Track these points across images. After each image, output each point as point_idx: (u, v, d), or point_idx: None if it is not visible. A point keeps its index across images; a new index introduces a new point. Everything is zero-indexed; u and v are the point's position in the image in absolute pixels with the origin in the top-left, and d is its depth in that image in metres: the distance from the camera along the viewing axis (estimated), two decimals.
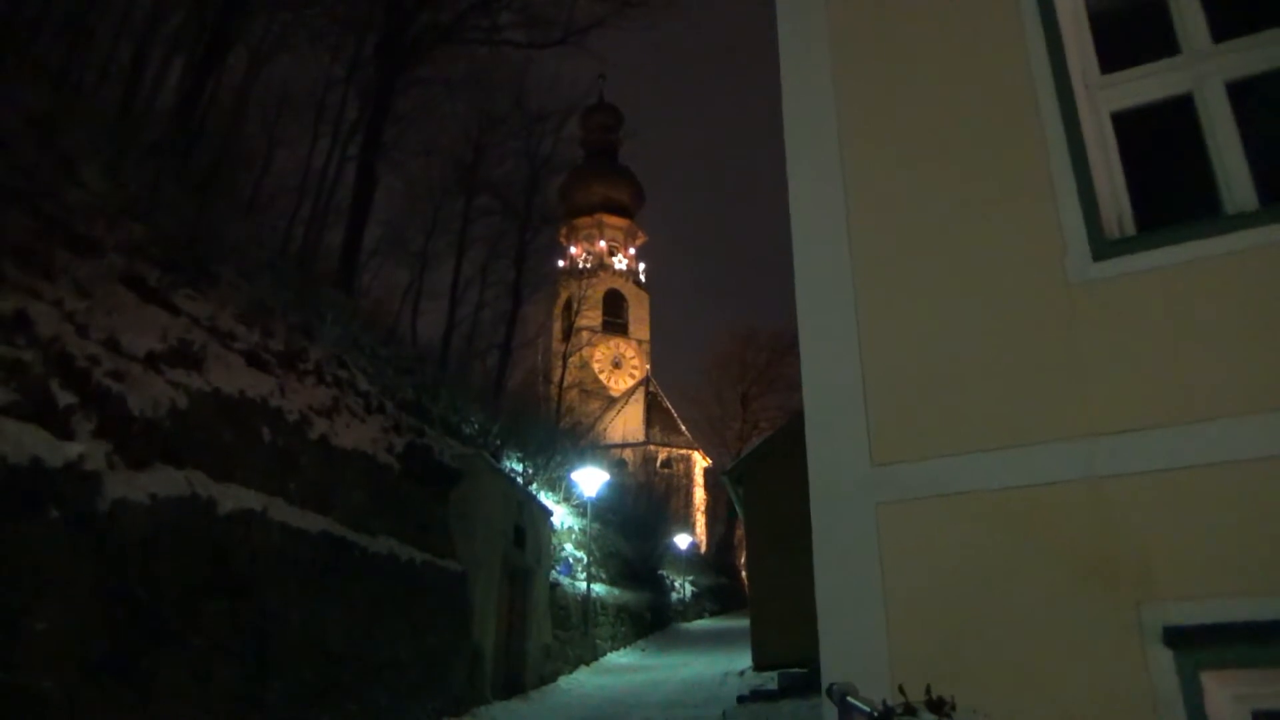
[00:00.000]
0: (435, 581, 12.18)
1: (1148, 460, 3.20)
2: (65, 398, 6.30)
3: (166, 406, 7.53)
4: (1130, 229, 3.57)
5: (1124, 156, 3.75)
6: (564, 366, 37.36)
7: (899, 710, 2.47)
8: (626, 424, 54.68)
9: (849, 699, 2.93)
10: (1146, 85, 3.74)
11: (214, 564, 7.20)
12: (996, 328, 3.67)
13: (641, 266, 64.84)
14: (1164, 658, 3.00)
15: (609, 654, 22.44)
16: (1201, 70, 3.59)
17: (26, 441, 5.50)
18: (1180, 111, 3.67)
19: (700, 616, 39.23)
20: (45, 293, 7.03)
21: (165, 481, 6.89)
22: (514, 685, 14.80)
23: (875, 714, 2.58)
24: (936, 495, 3.59)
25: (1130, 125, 3.81)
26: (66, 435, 6.04)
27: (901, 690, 2.61)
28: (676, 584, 38.22)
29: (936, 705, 2.41)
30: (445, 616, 12.36)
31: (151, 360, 7.80)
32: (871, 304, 3.97)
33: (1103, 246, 3.50)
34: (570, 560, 22.61)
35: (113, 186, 10.23)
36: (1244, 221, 3.28)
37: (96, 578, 5.85)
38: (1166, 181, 4.06)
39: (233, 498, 7.78)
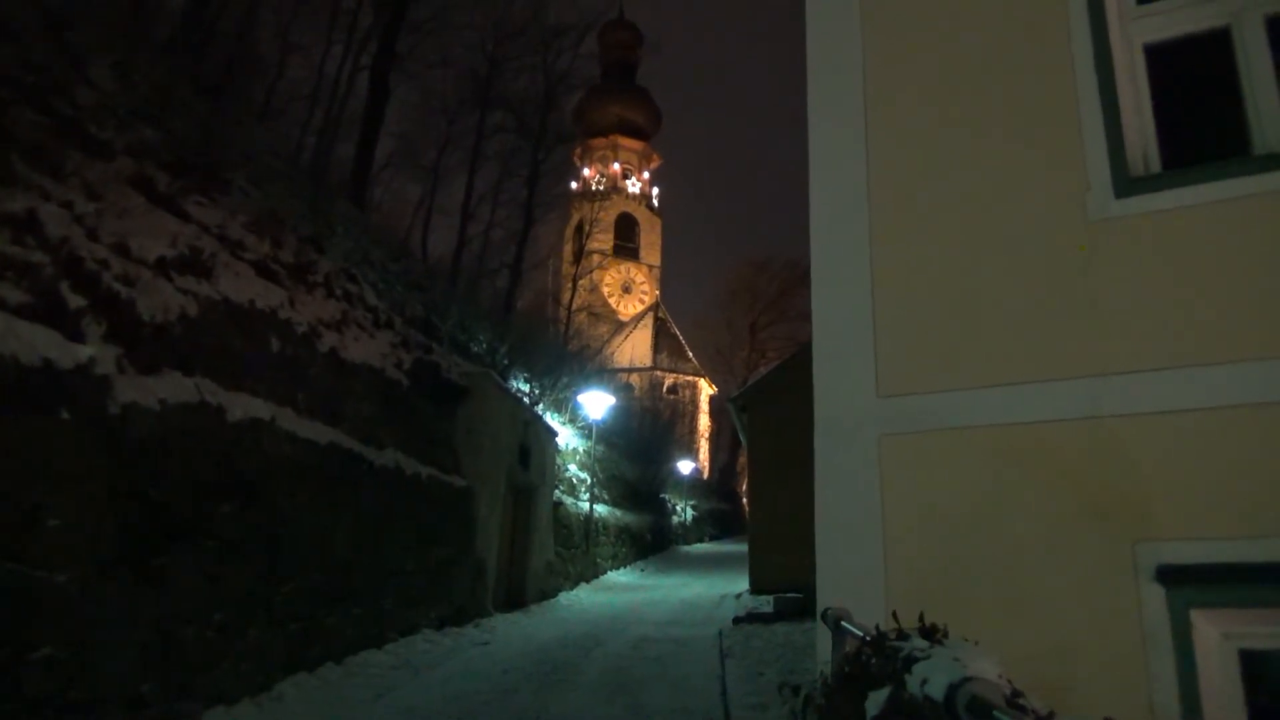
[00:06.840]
0: (441, 496, 12.36)
1: (1154, 401, 3.19)
2: (75, 300, 6.31)
3: (176, 313, 7.54)
4: (1156, 166, 3.50)
5: (1152, 93, 3.65)
6: (574, 289, 37.21)
7: (891, 635, 2.51)
8: (634, 349, 54.81)
9: (843, 623, 2.99)
10: (1183, 17, 3.62)
11: (224, 469, 7.30)
12: (1011, 263, 3.63)
13: (655, 191, 64.02)
14: (1156, 595, 3.04)
15: (609, 573, 22.89)
16: (1241, 3, 3.46)
17: (38, 342, 5.52)
18: (1209, 49, 3.55)
19: (700, 540, 39.89)
20: (55, 193, 6.97)
21: (175, 387, 6.94)
22: (516, 598, 15.16)
23: (868, 638, 2.63)
24: (940, 429, 3.60)
25: (1157, 62, 3.70)
26: (77, 338, 6.06)
27: (894, 616, 2.66)
28: (678, 508, 38.77)
29: (928, 632, 2.45)
30: (450, 530, 12.59)
31: (161, 266, 7.78)
32: (885, 234, 3.92)
33: (1126, 183, 3.43)
34: (574, 480, 22.93)
35: (123, 87, 10.07)
36: (1274, 162, 3.20)
37: (108, 477, 5.94)
38: (1190, 122, 3.96)
39: (242, 406, 7.85)
